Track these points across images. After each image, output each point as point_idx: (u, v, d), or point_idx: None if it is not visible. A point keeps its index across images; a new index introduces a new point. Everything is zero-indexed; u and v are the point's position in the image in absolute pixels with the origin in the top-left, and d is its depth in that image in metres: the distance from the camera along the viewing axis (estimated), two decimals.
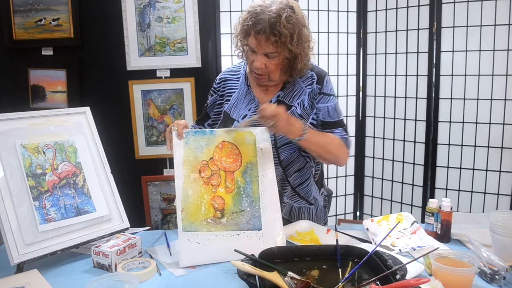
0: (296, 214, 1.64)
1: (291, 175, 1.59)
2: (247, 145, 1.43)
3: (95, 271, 1.28)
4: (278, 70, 1.48)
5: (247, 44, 1.47)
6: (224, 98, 1.61)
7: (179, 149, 1.39)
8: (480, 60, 2.46)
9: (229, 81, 1.62)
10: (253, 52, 1.45)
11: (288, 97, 1.55)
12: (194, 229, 1.32)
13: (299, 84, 1.56)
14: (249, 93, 1.58)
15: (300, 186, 1.62)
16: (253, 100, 1.57)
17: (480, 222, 1.56)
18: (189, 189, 1.35)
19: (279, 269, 1.08)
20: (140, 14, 2.48)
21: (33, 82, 2.55)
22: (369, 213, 3.01)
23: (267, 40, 1.40)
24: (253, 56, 1.46)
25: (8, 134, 1.33)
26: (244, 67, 1.63)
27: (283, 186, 1.59)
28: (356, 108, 2.92)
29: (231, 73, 1.65)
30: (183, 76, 2.55)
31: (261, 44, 1.42)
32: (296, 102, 1.55)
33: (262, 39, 1.40)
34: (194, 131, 1.43)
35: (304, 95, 1.55)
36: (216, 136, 1.43)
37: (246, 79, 1.60)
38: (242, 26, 1.46)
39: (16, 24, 2.46)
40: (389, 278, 1.02)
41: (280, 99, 1.55)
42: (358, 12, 2.81)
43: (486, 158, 2.52)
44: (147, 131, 2.60)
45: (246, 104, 1.57)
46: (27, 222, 1.27)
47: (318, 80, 1.56)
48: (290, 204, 1.62)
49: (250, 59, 1.48)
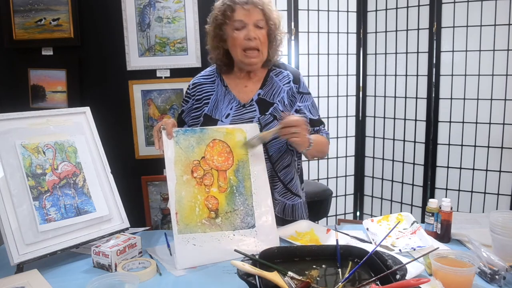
0: (289, 212, 1.64)
1: (281, 170, 1.60)
2: (238, 142, 1.43)
3: (95, 271, 1.27)
4: (266, 43, 1.53)
5: (232, 24, 1.50)
6: (201, 101, 1.61)
7: (170, 149, 1.38)
8: (480, 60, 2.47)
9: (204, 85, 1.63)
10: (243, 27, 1.49)
11: (268, 94, 1.59)
12: (189, 231, 1.32)
13: (277, 82, 1.62)
14: (228, 93, 1.60)
15: (291, 183, 1.63)
16: (233, 99, 1.58)
17: (480, 222, 1.55)
18: (182, 191, 1.35)
19: (279, 269, 1.08)
20: (140, 14, 2.48)
21: (33, 82, 2.55)
22: (369, 213, 3.01)
23: (256, 6, 1.48)
24: (243, 31, 1.49)
25: (8, 134, 1.33)
26: (217, 70, 1.65)
27: (273, 183, 1.59)
28: (356, 108, 2.93)
29: (204, 77, 1.66)
30: (183, 76, 2.54)
31: (251, 13, 1.48)
32: (277, 99, 1.59)
33: (251, 7, 1.48)
34: (184, 130, 1.42)
35: (283, 93, 1.60)
36: (206, 134, 1.42)
37: (222, 80, 1.62)
38: (221, 11, 1.52)
39: (16, 24, 2.46)
40: (389, 278, 1.01)
41: (261, 97, 1.58)
42: (358, 12, 2.81)
43: (486, 158, 2.52)
44: (147, 131, 2.60)
45: (226, 104, 1.58)
46: (27, 222, 1.27)
47: (295, 79, 1.63)
48: (282, 201, 1.63)
49: (240, 36, 1.50)
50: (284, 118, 1.41)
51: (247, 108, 1.57)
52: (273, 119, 1.56)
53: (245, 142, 1.43)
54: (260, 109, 1.57)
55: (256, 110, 1.57)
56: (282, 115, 1.51)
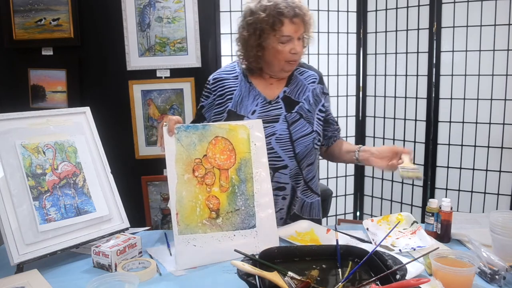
0: (307, 210, 1.66)
1: (305, 168, 1.60)
2: (240, 139, 1.40)
3: (95, 271, 1.27)
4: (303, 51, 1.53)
5: (278, 37, 1.46)
6: (224, 97, 1.59)
7: (171, 146, 1.34)
8: (480, 60, 2.47)
9: (226, 80, 1.61)
10: (288, 41, 1.47)
11: (294, 93, 1.60)
12: (190, 231, 1.31)
13: (302, 81, 1.62)
14: (253, 89, 1.58)
15: (312, 180, 1.65)
16: (258, 95, 1.57)
17: (480, 222, 1.55)
18: (183, 190, 1.33)
19: (279, 269, 1.08)
20: (140, 14, 2.48)
21: (33, 82, 2.55)
22: (369, 213, 3.01)
23: (303, 20, 1.46)
24: (288, 45, 1.47)
25: (8, 134, 1.33)
26: (239, 66, 1.63)
27: (296, 181, 1.60)
28: (356, 108, 2.92)
29: (226, 72, 1.63)
30: (183, 76, 2.55)
31: (298, 27, 1.46)
32: (303, 98, 1.59)
33: (298, 21, 1.45)
34: (186, 126, 1.38)
35: (308, 92, 1.61)
36: (209, 131, 1.39)
37: (246, 76, 1.60)
38: (268, 24, 1.45)
39: (16, 24, 2.46)
40: (389, 278, 1.01)
41: (287, 95, 1.59)
42: (358, 12, 2.81)
43: (486, 158, 2.52)
44: (147, 131, 2.60)
45: (252, 100, 1.57)
46: (27, 222, 1.27)
47: (320, 80, 1.65)
48: (302, 199, 1.64)
49: (285, 50, 1.47)
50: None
51: (273, 105, 1.57)
52: (299, 117, 1.56)
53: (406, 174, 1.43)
54: (286, 107, 1.57)
55: (282, 107, 1.57)
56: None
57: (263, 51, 1.50)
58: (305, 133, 1.56)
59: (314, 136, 1.58)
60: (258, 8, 1.46)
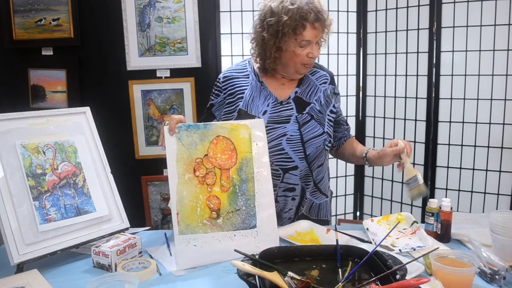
0: (315, 211, 1.66)
1: (315, 169, 1.60)
2: (242, 139, 1.40)
3: (95, 271, 1.27)
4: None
5: (298, 41, 1.45)
6: (235, 96, 1.58)
7: (172, 146, 1.34)
8: (480, 60, 2.46)
9: (236, 79, 1.60)
10: (307, 44, 1.47)
11: (305, 93, 1.59)
12: (190, 231, 1.30)
13: (313, 81, 1.62)
14: (264, 89, 1.58)
15: (321, 181, 1.65)
16: (269, 95, 1.57)
17: (480, 222, 1.55)
18: (184, 190, 1.33)
19: (279, 269, 1.08)
20: (140, 14, 2.48)
21: (33, 82, 2.55)
22: (369, 213, 3.01)
23: (323, 24, 1.47)
24: (306, 48, 1.47)
25: (8, 134, 1.33)
26: (250, 64, 1.62)
27: (306, 182, 1.60)
28: (356, 108, 2.92)
29: (237, 71, 1.62)
30: (183, 76, 2.55)
31: (318, 32, 1.47)
32: (314, 99, 1.59)
33: (319, 26, 1.46)
34: (187, 125, 1.37)
35: (320, 93, 1.60)
36: (210, 131, 1.38)
37: (257, 75, 1.59)
38: (291, 27, 1.43)
39: (16, 24, 2.46)
40: (389, 278, 1.01)
41: (298, 95, 1.58)
42: (358, 12, 2.81)
43: (486, 158, 2.52)
44: (147, 131, 2.60)
45: (263, 100, 1.56)
46: (27, 222, 1.27)
47: (331, 80, 1.65)
48: (311, 200, 1.64)
49: (303, 53, 1.47)
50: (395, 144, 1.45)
51: (284, 105, 1.56)
52: (310, 118, 1.56)
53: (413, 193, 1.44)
54: (297, 108, 1.56)
55: (293, 108, 1.56)
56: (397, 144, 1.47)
57: (280, 52, 1.49)
58: (316, 134, 1.55)
59: (325, 137, 1.58)
60: (281, 9, 1.43)
